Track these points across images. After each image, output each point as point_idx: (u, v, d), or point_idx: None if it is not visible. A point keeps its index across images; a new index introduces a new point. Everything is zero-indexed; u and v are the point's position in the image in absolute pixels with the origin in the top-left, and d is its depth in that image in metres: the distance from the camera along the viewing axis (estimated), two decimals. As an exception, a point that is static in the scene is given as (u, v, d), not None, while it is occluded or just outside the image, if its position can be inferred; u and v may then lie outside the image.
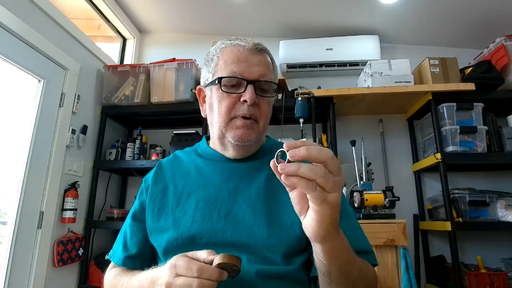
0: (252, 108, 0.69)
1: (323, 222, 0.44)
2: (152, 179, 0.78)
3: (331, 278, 0.52)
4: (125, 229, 0.79)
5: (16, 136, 1.64)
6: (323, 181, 0.41)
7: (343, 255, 0.51)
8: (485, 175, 2.11)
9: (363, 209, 1.62)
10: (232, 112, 0.70)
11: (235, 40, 0.74)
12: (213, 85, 0.73)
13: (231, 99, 0.70)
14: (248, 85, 0.69)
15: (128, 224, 0.79)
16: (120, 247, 0.77)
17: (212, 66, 0.75)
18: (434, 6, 2.05)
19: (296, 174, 0.42)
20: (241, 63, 0.70)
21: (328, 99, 1.99)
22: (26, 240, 1.60)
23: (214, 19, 2.47)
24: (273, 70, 0.76)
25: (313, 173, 0.41)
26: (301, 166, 0.41)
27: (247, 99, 0.68)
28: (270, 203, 0.69)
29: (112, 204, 2.29)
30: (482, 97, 1.89)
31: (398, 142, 2.25)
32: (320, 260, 0.51)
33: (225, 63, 0.72)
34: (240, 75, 0.70)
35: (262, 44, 0.75)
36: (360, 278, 0.57)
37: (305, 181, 0.41)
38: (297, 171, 0.41)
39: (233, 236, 0.65)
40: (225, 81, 0.70)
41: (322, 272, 0.53)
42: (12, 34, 1.54)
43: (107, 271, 0.78)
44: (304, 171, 0.41)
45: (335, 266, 0.51)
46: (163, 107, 2.15)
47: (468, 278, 1.69)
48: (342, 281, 0.53)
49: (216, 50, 0.75)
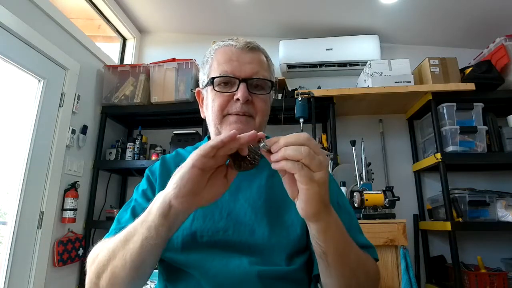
0: (245, 106, 0.70)
1: (312, 200, 0.47)
2: (159, 172, 0.76)
3: (328, 261, 0.53)
4: (133, 206, 0.71)
5: (16, 136, 1.64)
6: (308, 160, 0.45)
7: (337, 235, 0.53)
8: (485, 175, 2.11)
9: (363, 209, 1.62)
10: (225, 110, 0.71)
11: (228, 41, 0.75)
12: (208, 86, 0.74)
13: (224, 98, 0.71)
14: (240, 84, 0.70)
15: (137, 202, 0.72)
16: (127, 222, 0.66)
17: (207, 68, 0.76)
18: (434, 6, 2.05)
19: (283, 158, 0.45)
20: (233, 62, 0.71)
21: (328, 99, 1.99)
22: (26, 240, 1.60)
23: (214, 19, 2.47)
24: (268, 68, 0.76)
25: (298, 153, 0.45)
26: (286, 149, 0.45)
27: (239, 97, 0.69)
28: (271, 202, 0.69)
29: (112, 204, 2.29)
30: (482, 97, 1.89)
31: (398, 142, 2.26)
32: (316, 242, 0.52)
33: (217, 64, 0.73)
34: (231, 74, 0.70)
35: (254, 42, 0.76)
36: (359, 264, 0.58)
37: (291, 162, 0.45)
38: (283, 154, 0.45)
39: (234, 236, 0.65)
40: (217, 80, 0.71)
41: (319, 255, 0.54)
42: (12, 34, 1.54)
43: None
44: (290, 152, 0.45)
45: (331, 247, 0.52)
46: (163, 107, 2.15)
47: (468, 278, 1.69)
48: (339, 265, 0.54)
49: (210, 52, 0.77)
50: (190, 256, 0.64)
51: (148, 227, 0.51)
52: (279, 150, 0.46)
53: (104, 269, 0.56)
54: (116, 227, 0.68)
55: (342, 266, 0.54)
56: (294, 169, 0.45)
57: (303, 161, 0.45)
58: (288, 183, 0.49)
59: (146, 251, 0.52)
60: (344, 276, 0.55)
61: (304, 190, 0.46)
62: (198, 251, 0.64)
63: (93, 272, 0.58)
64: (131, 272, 0.54)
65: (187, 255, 0.64)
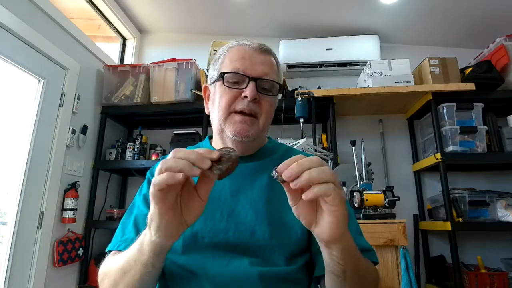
0: (252, 104, 0.71)
1: (340, 222, 0.45)
2: None
3: (345, 277, 0.52)
4: (135, 215, 0.71)
5: (16, 136, 1.64)
6: (333, 178, 0.43)
7: (353, 250, 0.52)
8: (485, 175, 2.11)
9: (363, 209, 1.62)
10: (231, 107, 0.71)
11: (242, 41, 0.76)
12: (217, 81, 0.75)
13: (232, 94, 0.72)
14: (250, 82, 0.70)
15: (139, 210, 0.72)
16: (130, 233, 0.69)
17: (218, 64, 0.77)
18: (434, 6, 2.05)
19: (310, 183, 0.43)
20: (245, 61, 0.72)
21: (328, 99, 1.98)
22: (26, 240, 1.60)
23: (214, 19, 2.47)
24: (277, 71, 0.78)
25: (324, 174, 0.43)
26: (310, 172, 0.43)
27: (247, 94, 0.69)
28: (273, 203, 0.69)
29: (112, 204, 2.29)
30: (482, 97, 1.89)
31: (398, 142, 2.25)
32: (336, 262, 0.51)
33: (230, 61, 0.74)
34: (243, 71, 0.71)
35: (267, 45, 0.77)
36: (366, 273, 0.58)
37: (325, 185, 0.43)
38: (309, 177, 0.42)
39: (235, 236, 0.65)
40: (228, 76, 0.72)
41: (337, 274, 0.52)
42: (12, 34, 1.54)
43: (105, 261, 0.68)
44: (315, 174, 0.42)
45: (350, 264, 0.52)
46: (163, 107, 2.15)
47: (468, 278, 1.69)
48: (354, 278, 0.54)
49: (224, 50, 0.78)
50: (190, 257, 0.64)
51: (144, 265, 0.54)
52: (298, 177, 0.43)
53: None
54: (120, 239, 0.69)
55: (356, 279, 0.54)
56: (329, 191, 0.42)
57: (332, 181, 0.43)
58: (304, 211, 0.47)
59: (145, 281, 0.56)
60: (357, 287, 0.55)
61: (334, 212, 0.44)
62: (199, 252, 0.64)
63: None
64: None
65: (188, 256, 0.64)
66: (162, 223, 0.48)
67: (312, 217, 0.47)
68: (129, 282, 0.56)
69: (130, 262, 0.55)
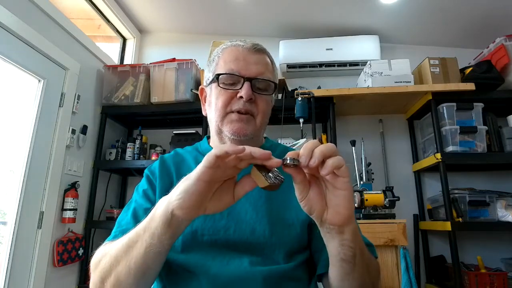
0: (248, 104, 0.71)
1: (349, 203, 0.47)
2: (159, 172, 0.76)
3: (355, 261, 0.53)
4: (134, 208, 0.71)
5: (16, 136, 1.64)
6: (337, 151, 0.45)
7: (359, 234, 0.54)
8: (485, 175, 2.11)
9: (363, 209, 1.62)
10: (228, 107, 0.72)
11: (235, 41, 0.77)
12: (213, 83, 0.76)
13: (228, 95, 0.72)
14: (245, 82, 0.71)
15: (137, 203, 0.71)
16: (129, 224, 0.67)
17: (213, 66, 0.78)
18: (434, 6, 2.05)
19: (323, 157, 0.44)
20: (239, 62, 0.73)
21: (328, 99, 1.98)
22: (26, 240, 1.60)
23: (214, 19, 2.47)
24: (272, 70, 0.78)
25: (331, 147, 0.45)
26: (320, 148, 0.45)
27: (243, 95, 0.70)
28: (272, 201, 0.69)
29: (112, 204, 2.29)
30: (482, 97, 1.89)
31: (398, 142, 2.25)
32: (348, 246, 0.51)
33: (224, 62, 0.74)
34: (237, 72, 0.72)
35: (261, 45, 0.77)
36: (370, 260, 0.59)
37: (334, 157, 0.45)
38: (323, 153, 0.44)
39: (235, 234, 0.65)
40: (223, 78, 0.73)
41: (348, 259, 0.52)
42: (12, 34, 1.54)
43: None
44: (324, 149, 0.44)
45: (358, 246, 0.52)
46: (163, 107, 2.15)
47: (468, 278, 1.69)
48: (362, 263, 0.54)
49: (218, 51, 0.79)
50: (190, 255, 0.64)
51: (151, 234, 0.51)
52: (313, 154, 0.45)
53: (108, 274, 0.55)
54: (116, 230, 0.68)
55: (364, 262, 0.55)
56: (341, 161, 0.45)
57: (338, 154, 0.45)
58: (315, 200, 0.48)
59: (150, 258, 0.52)
60: (364, 273, 0.56)
61: (346, 184, 0.46)
62: (199, 251, 0.64)
63: (97, 276, 0.57)
64: (136, 278, 0.53)
65: (187, 255, 0.64)
66: (191, 198, 0.46)
67: (323, 203, 0.48)
68: (132, 257, 0.52)
69: (138, 232, 0.53)
